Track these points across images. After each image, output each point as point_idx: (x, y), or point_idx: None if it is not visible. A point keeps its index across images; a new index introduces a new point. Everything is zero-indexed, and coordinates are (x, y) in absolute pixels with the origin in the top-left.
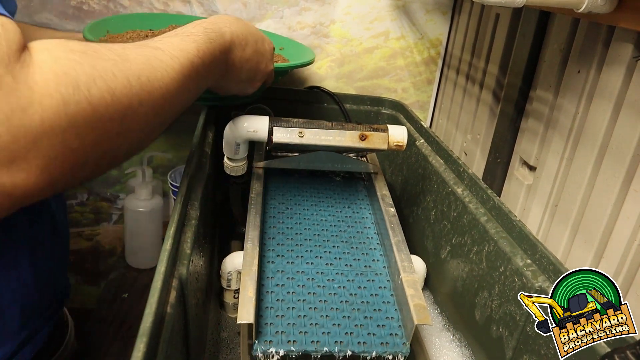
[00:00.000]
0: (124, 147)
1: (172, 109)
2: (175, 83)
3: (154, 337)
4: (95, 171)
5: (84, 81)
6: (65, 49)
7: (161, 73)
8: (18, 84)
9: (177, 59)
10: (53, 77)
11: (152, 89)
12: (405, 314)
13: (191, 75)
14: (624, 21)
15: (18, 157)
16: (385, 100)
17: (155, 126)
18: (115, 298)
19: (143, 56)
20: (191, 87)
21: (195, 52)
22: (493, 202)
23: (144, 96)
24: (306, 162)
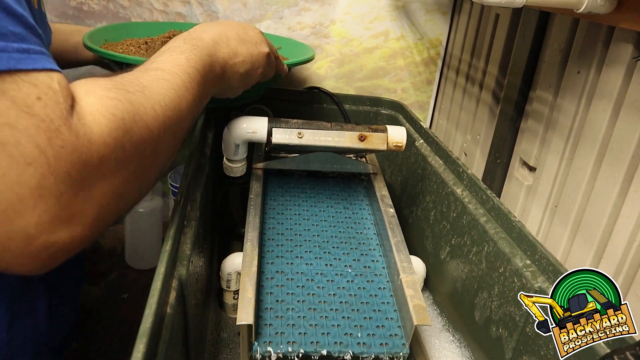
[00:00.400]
0: (155, 175)
1: (185, 125)
2: (183, 99)
3: (154, 337)
4: (135, 202)
5: (128, 121)
6: (102, 88)
7: (171, 93)
8: (79, 139)
9: (177, 74)
10: (105, 123)
11: (170, 112)
12: (405, 315)
13: (192, 85)
14: (624, 21)
15: (77, 212)
16: (385, 100)
17: (177, 146)
18: (115, 298)
19: (154, 80)
20: (196, 97)
21: (186, 62)
22: (493, 202)
23: (167, 122)
24: (305, 163)
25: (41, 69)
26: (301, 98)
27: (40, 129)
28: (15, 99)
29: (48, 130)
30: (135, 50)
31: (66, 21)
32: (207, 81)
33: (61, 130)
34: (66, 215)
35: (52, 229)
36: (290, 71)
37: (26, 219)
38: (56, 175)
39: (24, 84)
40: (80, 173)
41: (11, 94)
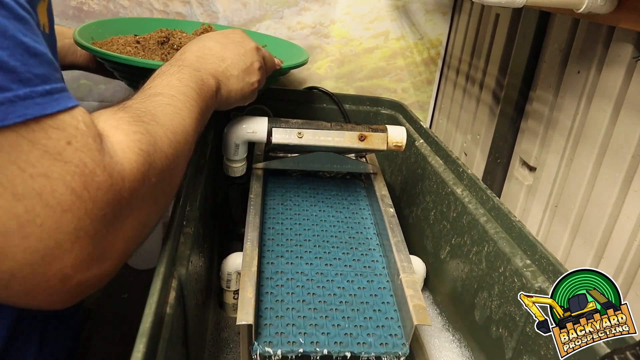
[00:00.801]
0: (170, 198)
1: (192, 144)
2: (187, 119)
3: (154, 337)
4: (152, 230)
5: (152, 153)
6: (125, 122)
7: (177, 117)
8: (113, 179)
9: (175, 96)
10: (135, 158)
11: (179, 136)
12: (405, 315)
13: (191, 104)
14: (624, 21)
15: (109, 248)
16: (385, 100)
17: (186, 163)
18: (115, 298)
19: (159, 107)
20: (197, 115)
21: (179, 83)
22: (493, 202)
23: (179, 147)
24: (305, 163)
25: (64, 109)
26: (301, 98)
27: (75, 175)
28: (47, 147)
29: (83, 175)
30: (133, 51)
31: (66, 21)
32: (203, 96)
33: (96, 173)
34: (99, 253)
35: (87, 267)
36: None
37: (63, 262)
38: (93, 218)
39: (52, 130)
40: (114, 212)
41: (42, 142)
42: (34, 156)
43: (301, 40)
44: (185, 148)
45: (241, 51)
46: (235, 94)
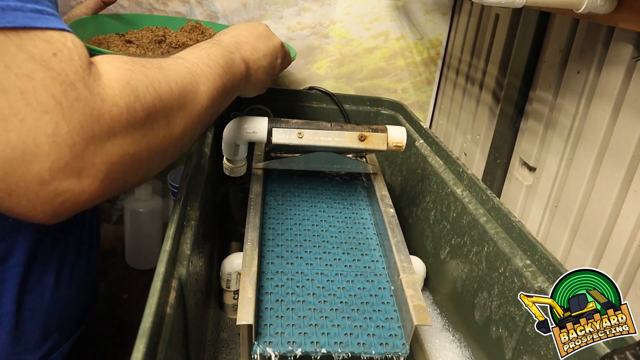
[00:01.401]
0: (170, 150)
1: (204, 112)
2: (201, 85)
3: (154, 337)
4: (147, 174)
5: (141, 90)
6: (120, 61)
7: (188, 77)
8: (92, 96)
9: (197, 64)
10: (119, 87)
11: (186, 92)
12: (405, 315)
13: (212, 76)
14: (624, 21)
15: (88, 164)
16: (385, 100)
17: (192, 130)
18: (115, 298)
19: (172, 64)
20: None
21: (206, 56)
22: (493, 202)
23: (182, 100)
24: (305, 163)
25: (55, 28)
26: (301, 98)
27: (56, 82)
28: (33, 53)
29: (63, 84)
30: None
31: (66, 21)
32: (230, 75)
33: (76, 85)
34: (77, 166)
35: (64, 176)
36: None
37: (41, 164)
38: (70, 125)
39: (40, 41)
40: (92, 127)
41: (28, 48)
42: (20, 58)
43: (301, 41)
44: (190, 107)
45: (270, 45)
46: (258, 84)
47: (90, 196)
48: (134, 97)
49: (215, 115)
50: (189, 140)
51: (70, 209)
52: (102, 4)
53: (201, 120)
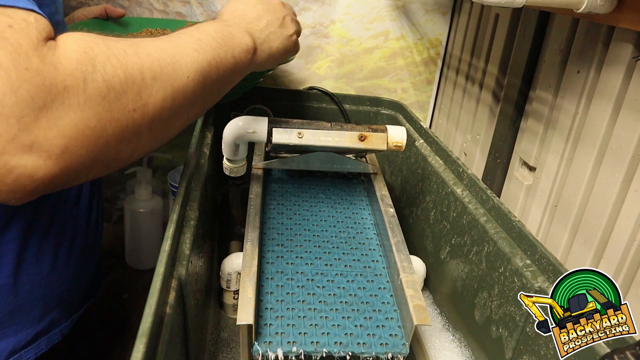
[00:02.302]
0: (146, 126)
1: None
2: (185, 56)
3: (154, 337)
4: (120, 154)
5: (100, 60)
6: (84, 35)
7: (168, 48)
8: (45, 65)
9: (181, 37)
10: (75, 57)
11: (161, 62)
12: (405, 315)
13: (201, 47)
14: (624, 21)
15: (40, 138)
16: (385, 100)
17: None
18: (115, 298)
19: (153, 39)
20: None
21: (196, 30)
22: (492, 202)
23: (156, 70)
24: (305, 163)
25: (22, 7)
26: (301, 98)
27: (7, 52)
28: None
29: (14, 53)
30: None
31: (68, 23)
32: (227, 47)
33: (28, 54)
34: (28, 139)
35: (13, 150)
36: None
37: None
38: (18, 96)
39: (0, 16)
40: (43, 98)
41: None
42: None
43: (301, 40)
44: (171, 78)
45: (271, 8)
46: (277, 49)
47: (48, 174)
48: (91, 67)
49: (216, 91)
50: (174, 118)
51: (29, 187)
52: (105, 15)
53: (188, 93)
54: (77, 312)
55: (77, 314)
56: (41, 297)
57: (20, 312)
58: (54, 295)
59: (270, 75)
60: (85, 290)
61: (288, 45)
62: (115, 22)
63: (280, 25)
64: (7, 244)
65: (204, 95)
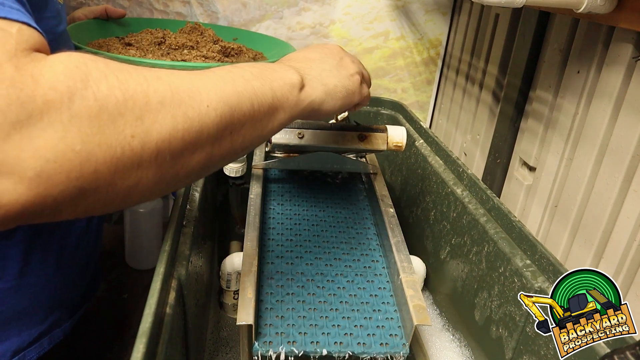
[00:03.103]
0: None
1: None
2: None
3: (154, 337)
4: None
5: (95, 76)
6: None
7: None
8: (21, 76)
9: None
10: (62, 70)
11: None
12: (405, 315)
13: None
14: (624, 21)
15: (10, 156)
16: (385, 100)
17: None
18: (115, 298)
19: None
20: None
21: (231, 66)
22: (492, 202)
23: (165, 94)
24: (305, 163)
25: (4, 17)
26: None
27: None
28: None
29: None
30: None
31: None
32: (264, 79)
33: (3, 65)
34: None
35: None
36: None
37: None
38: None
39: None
40: (16, 112)
41: None
42: None
43: (301, 41)
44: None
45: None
46: (335, 86)
47: (19, 200)
48: (81, 83)
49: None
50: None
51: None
52: (105, 15)
53: (207, 125)
54: (78, 312)
55: (78, 314)
56: (45, 298)
57: (24, 313)
58: (57, 296)
59: None
60: (86, 289)
61: (349, 85)
62: (115, 23)
63: (337, 65)
64: (13, 247)
65: (232, 132)
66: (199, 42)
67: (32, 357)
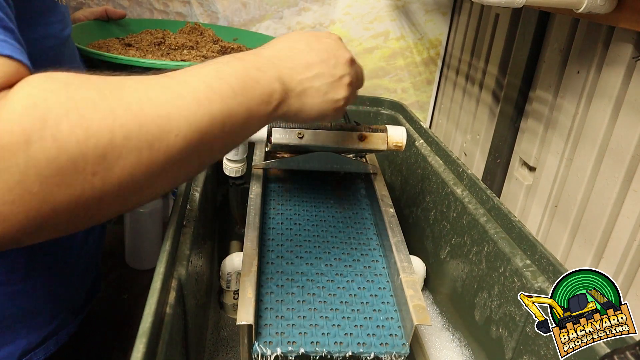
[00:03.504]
0: (108, 192)
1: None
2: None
3: (154, 337)
4: (76, 219)
5: (55, 114)
6: (47, 79)
7: (161, 98)
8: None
9: (189, 83)
10: (20, 110)
11: (144, 119)
12: (405, 315)
13: (211, 98)
14: (624, 21)
15: None
16: (385, 100)
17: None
18: (115, 298)
19: (142, 83)
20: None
21: (214, 74)
22: (492, 202)
23: (131, 127)
24: (305, 163)
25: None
26: None
27: None
28: None
29: None
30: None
31: None
32: (245, 98)
33: None
34: None
35: None
36: None
37: None
38: None
39: None
40: None
41: None
42: None
43: None
44: (160, 137)
45: (332, 62)
46: (312, 108)
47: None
48: (40, 124)
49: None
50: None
51: None
52: (105, 16)
53: (174, 155)
54: (82, 313)
55: (81, 315)
56: (51, 300)
57: (31, 316)
58: (62, 298)
59: None
60: (89, 290)
61: (327, 111)
62: (115, 23)
63: (331, 84)
64: (19, 252)
65: (200, 155)
66: (199, 42)
67: (39, 358)
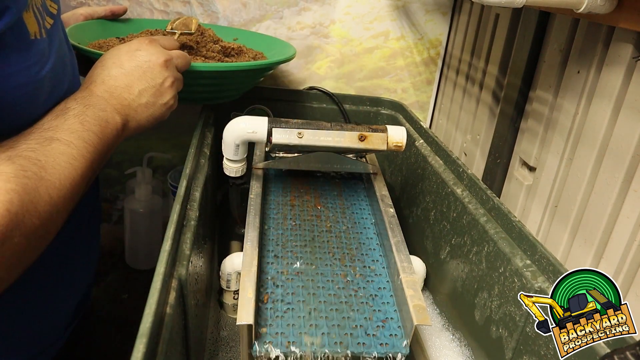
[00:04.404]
0: (41, 249)
1: (78, 193)
2: (79, 170)
3: (154, 337)
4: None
5: (21, 214)
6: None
7: (68, 169)
8: None
9: (73, 143)
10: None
11: (65, 190)
12: (405, 315)
13: (89, 151)
14: (624, 21)
15: None
16: (385, 100)
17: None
18: (115, 298)
19: (51, 156)
20: (93, 162)
21: (81, 127)
22: (493, 202)
23: (60, 203)
24: (305, 163)
25: None
26: (301, 98)
27: None
28: None
29: None
30: None
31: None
32: (105, 138)
33: None
34: None
35: None
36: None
37: None
38: None
39: None
40: None
41: None
42: None
43: (301, 41)
44: (68, 202)
45: (149, 75)
46: (147, 120)
47: None
48: (13, 226)
49: (92, 179)
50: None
51: None
52: (110, 16)
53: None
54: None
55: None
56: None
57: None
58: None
59: (270, 75)
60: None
61: (162, 115)
62: (115, 23)
63: (154, 94)
64: None
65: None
66: (199, 42)
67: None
